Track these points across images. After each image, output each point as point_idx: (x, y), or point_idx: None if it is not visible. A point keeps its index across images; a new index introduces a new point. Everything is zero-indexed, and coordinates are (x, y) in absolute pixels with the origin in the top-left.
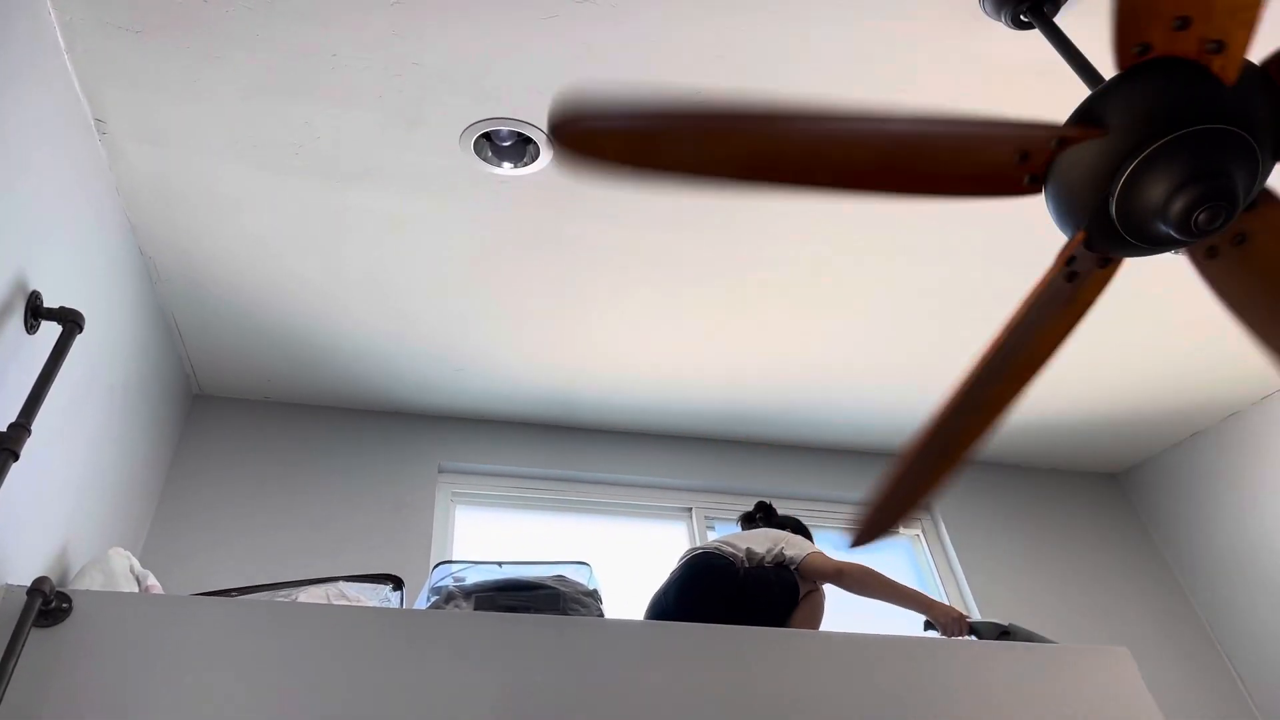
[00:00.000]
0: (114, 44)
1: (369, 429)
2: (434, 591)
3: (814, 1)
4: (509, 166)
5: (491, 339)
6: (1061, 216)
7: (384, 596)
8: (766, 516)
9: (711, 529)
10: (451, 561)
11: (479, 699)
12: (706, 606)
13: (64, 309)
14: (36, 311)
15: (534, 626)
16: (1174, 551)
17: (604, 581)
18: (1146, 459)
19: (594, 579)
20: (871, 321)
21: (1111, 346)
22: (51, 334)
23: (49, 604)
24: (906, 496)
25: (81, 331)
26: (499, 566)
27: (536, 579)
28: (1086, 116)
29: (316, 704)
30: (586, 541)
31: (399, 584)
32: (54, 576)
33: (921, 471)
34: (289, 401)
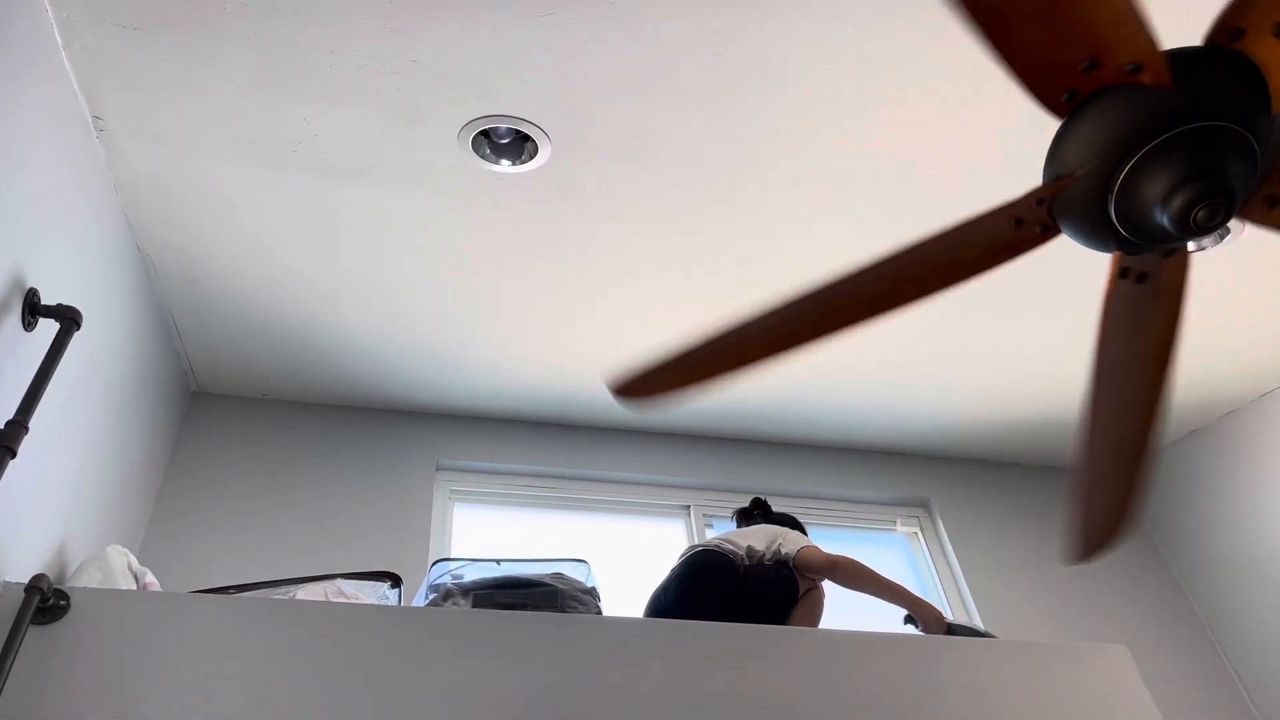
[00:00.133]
0: (112, 41)
1: (367, 426)
2: (432, 589)
3: (812, 0)
4: (507, 164)
5: (490, 336)
6: (1064, 154)
7: (382, 594)
8: (764, 513)
9: (710, 526)
10: (450, 559)
11: (477, 696)
12: (706, 604)
13: (62, 306)
14: (34, 309)
15: (532, 624)
16: (1172, 549)
17: (602, 579)
18: None
19: (592, 576)
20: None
21: None
22: (49, 331)
23: (47, 601)
24: (698, 366)
25: (79, 329)
26: (497, 564)
27: (535, 576)
28: (1052, 175)
29: (314, 701)
30: (585, 539)
31: (397, 581)
32: (52, 574)
33: (732, 346)
34: (287, 399)
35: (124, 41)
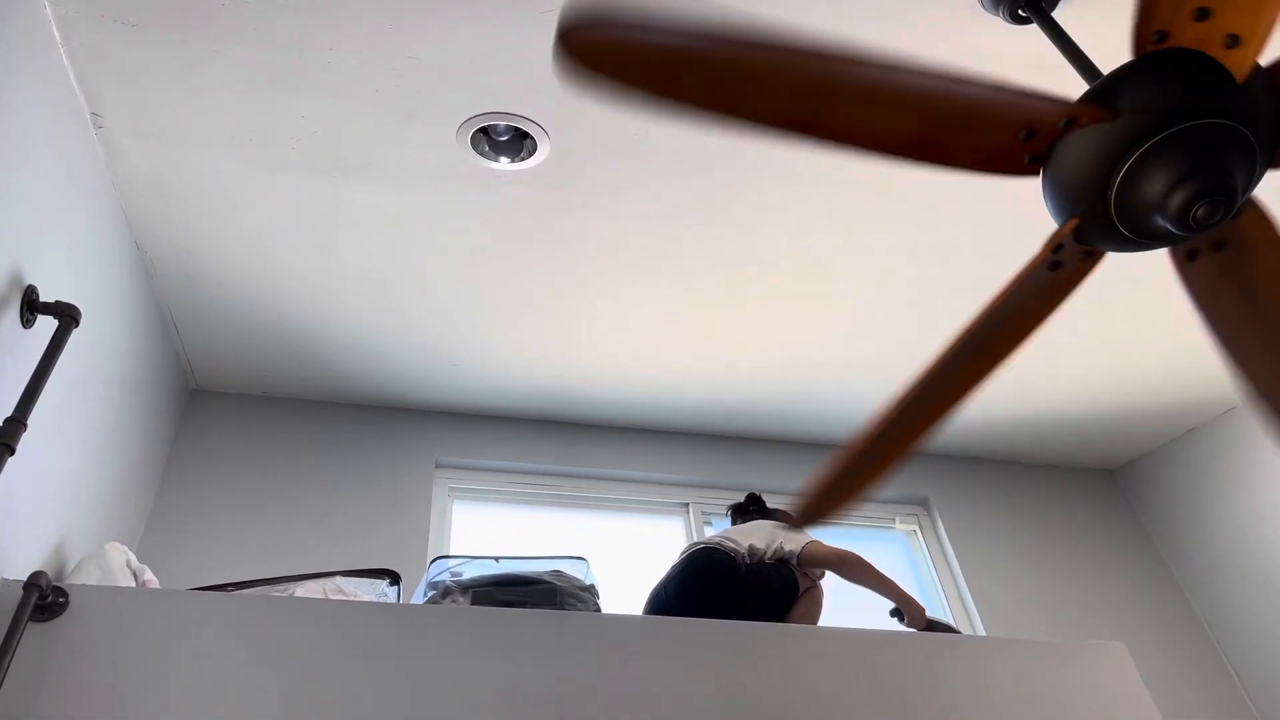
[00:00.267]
0: (110, 38)
1: (366, 424)
2: (431, 586)
3: None
4: (506, 161)
5: (488, 334)
6: (1056, 202)
7: (381, 591)
8: (760, 509)
9: (708, 524)
10: (449, 556)
11: (476, 693)
12: (707, 601)
13: (60, 303)
14: (32, 306)
15: (531, 621)
16: (1170, 547)
17: (601, 576)
18: (1142, 455)
19: (591, 574)
20: (867, 317)
21: (1108, 343)
22: (47, 328)
23: (45, 598)
24: (854, 482)
25: (78, 326)
26: (496, 561)
27: (533, 574)
28: (1098, 98)
29: (313, 699)
30: (583, 536)
31: (396, 579)
32: (50, 571)
33: (872, 458)
34: (286, 396)
35: (123, 38)
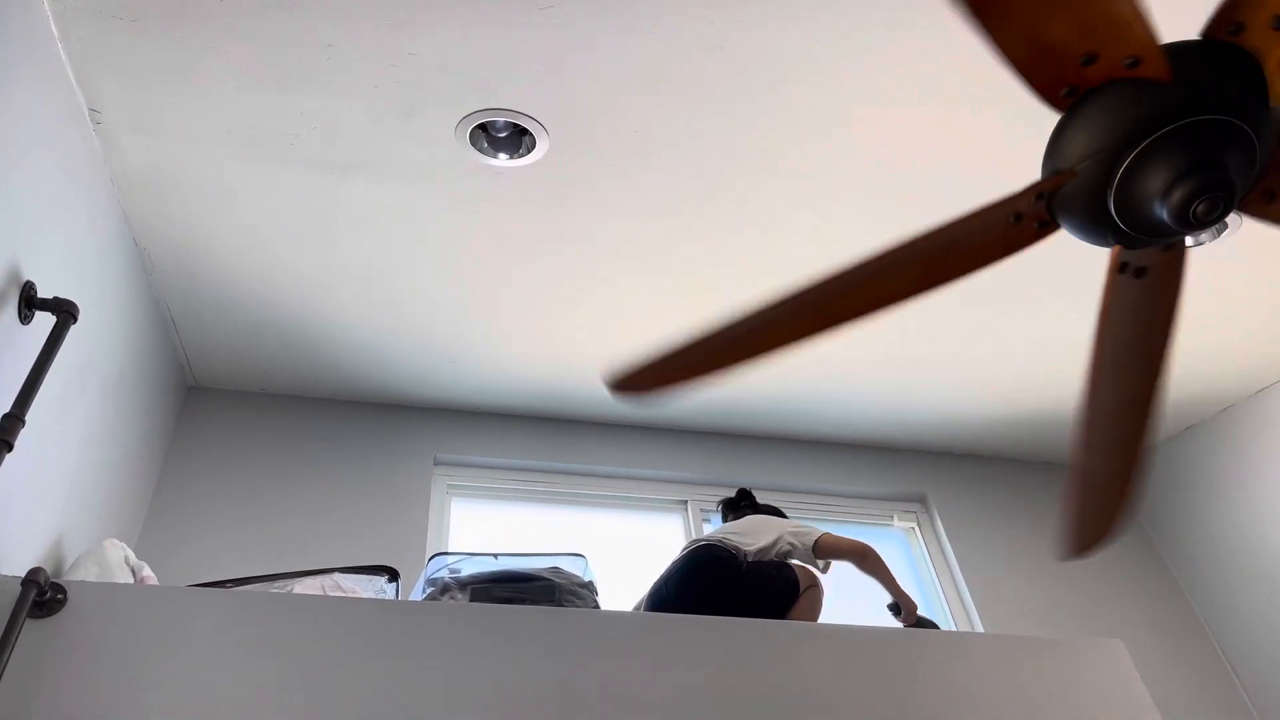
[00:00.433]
0: (108, 34)
1: (364, 421)
2: (430, 583)
3: None
4: (505, 158)
5: (487, 331)
6: (1063, 149)
7: (379, 588)
8: (751, 504)
9: (707, 521)
10: (447, 553)
11: (475, 690)
12: (707, 599)
13: (58, 299)
14: (30, 302)
15: (529, 618)
16: (1168, 545)
17: (599, 573)
18: None
19: (589, 571)
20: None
21: None
22: (45, 324)
23: (44, 595)
24: (704, 360)
25: (76, 322)
26: (494, 558)
27: (532, 571)
28: (1051, 170)
29: (311, 695)
30: (582, 534)
31: (394, 575)
32: (49, 567)
33: (737, 341)
34: (284, 393)
35: (121, 34)
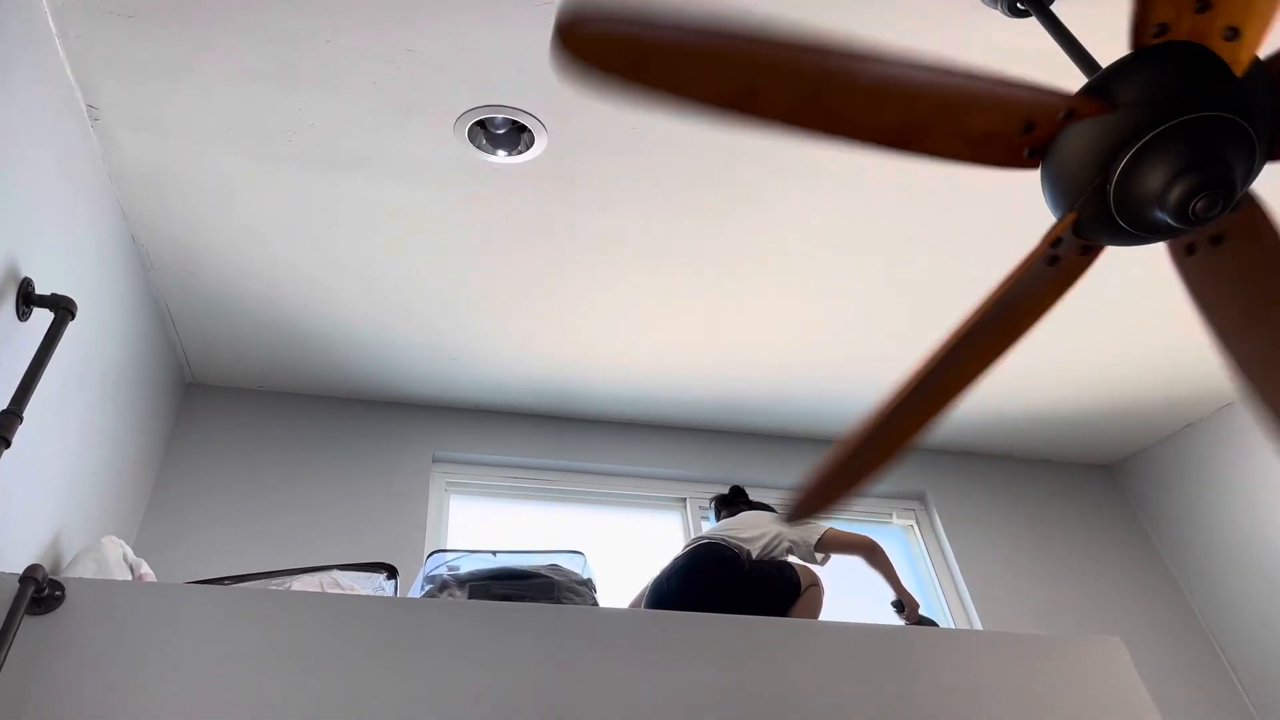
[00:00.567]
0: (106, 29)
1: (363, 418)
2: (428, 580)
3: None
4: (503, 154)
5: (486, 328)
6: (1056, 195)
7: (378, 585)
8: (745, 501)
9: (705, 519)
10: (446, 550)
11: (473, 687)
12: (709, 597)
13: (56, 296)
14: (28, 298)
15: (528, 615)
16: (1166, 542)
17: (598, 571)
18: (1139, 450)
19: (588, 568)
20: (866, 312)
21: (1104, 338)
22: (43, 321)
23: (42, 592)
24: (848, 477)
25: (74, 319)
26: (493, 555)
27: (531, 568)
28: (1098, 91)
29: (310, 692)
30: (581, 531)
31: (393, 572)
32: (47, 564)
33: (867, 454)
34: (283, 391)
35: (119, 30)
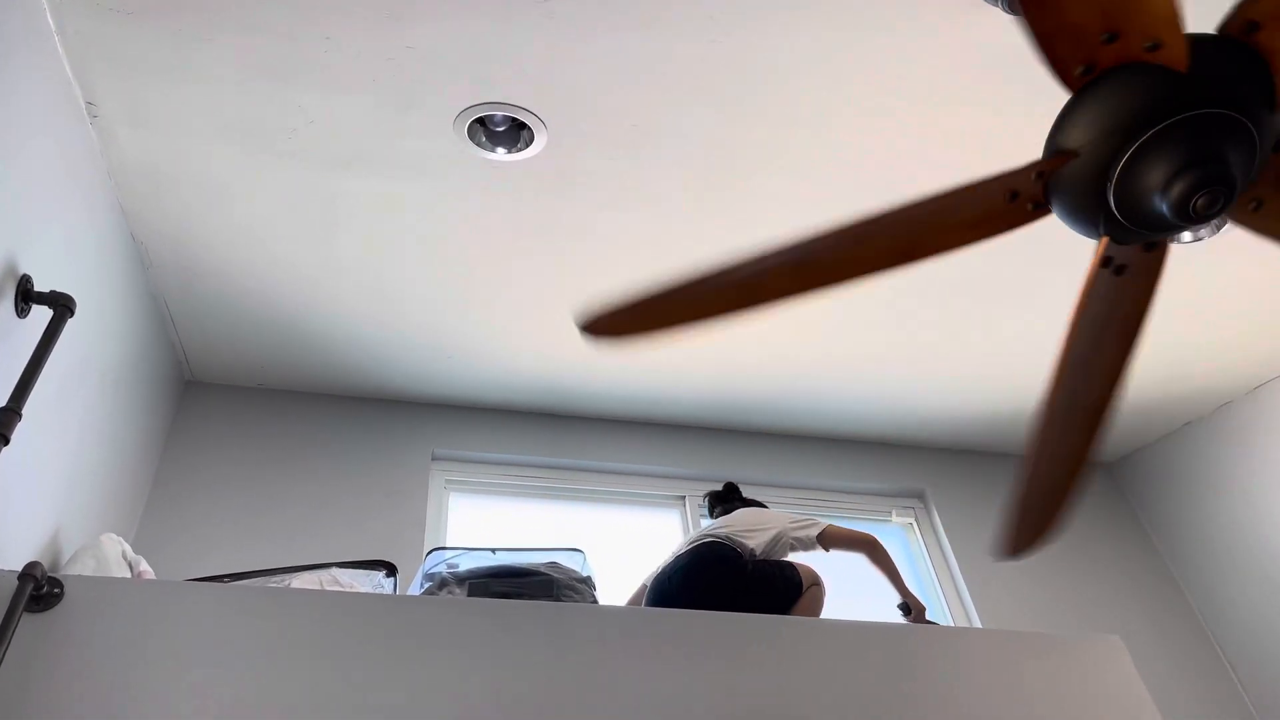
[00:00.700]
0: (105, 26)
1: (362, 416)
2: (428, 578)
3: None
4: (503, 152)
5: (485, 326)
6: (1071, 128)
7: (377, 582)
8: (739, 498)
9: (704, 517)
10: (445, 548)
11: (472, 685)
12: (711, 595)
13: (55, 293)
14: (27, 295)
15: (527, 613)
16: (1166, 541)
17: (597, 569)
18: (1138, 449)
19: (587, 566)
20: (865, 311)
21: None
22: (42, 318)
23: (40, 589)
24: (672, 312)
25: (72, 316)
26: (493, 553)
27: (530, 565)
28: (1054, 149)
29: (309, 689)
30: (580, 529)
31: (392, 570)
32: (46, 562)
33: (706, 297)
34: (282, 388)
35: (117, 26)
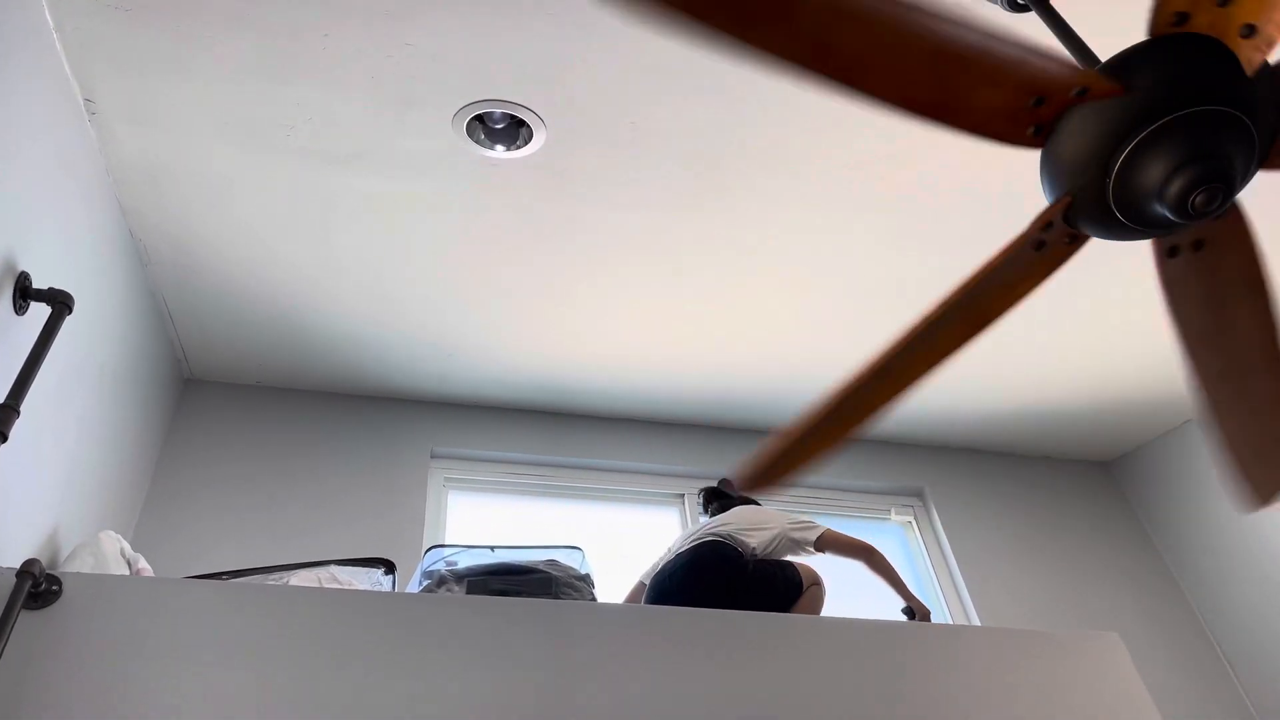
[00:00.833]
0: (103, 23)
1: (361, 413)
2: (426, 575)
3: None
4: (502, 149)
5: (484, 324)
6: (1053, 177)
7: (376, 580)
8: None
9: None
10: (444, 545)
11: (471, 682)
12: (711, 594)
13: (53, 290)
14: (25, 292)
15: (526, 610)
16: (1164, 538)
17: (596, 566)
18: (1138, 447)
19: (586, 564)
20: (863, 308)
21: (1102, 334)
22: (40, 315)
23: (39, 586)
24: (807, 449)
25: (71, 313)
26: (491, 551)
27: (529, 563)
28: (1114, 71)
29: (308, 687)
30: (579, 526)
31: (391, 568)
32: (44, 559)
33: (830, 427)
34: (281, 386)
35: (116, 24)
